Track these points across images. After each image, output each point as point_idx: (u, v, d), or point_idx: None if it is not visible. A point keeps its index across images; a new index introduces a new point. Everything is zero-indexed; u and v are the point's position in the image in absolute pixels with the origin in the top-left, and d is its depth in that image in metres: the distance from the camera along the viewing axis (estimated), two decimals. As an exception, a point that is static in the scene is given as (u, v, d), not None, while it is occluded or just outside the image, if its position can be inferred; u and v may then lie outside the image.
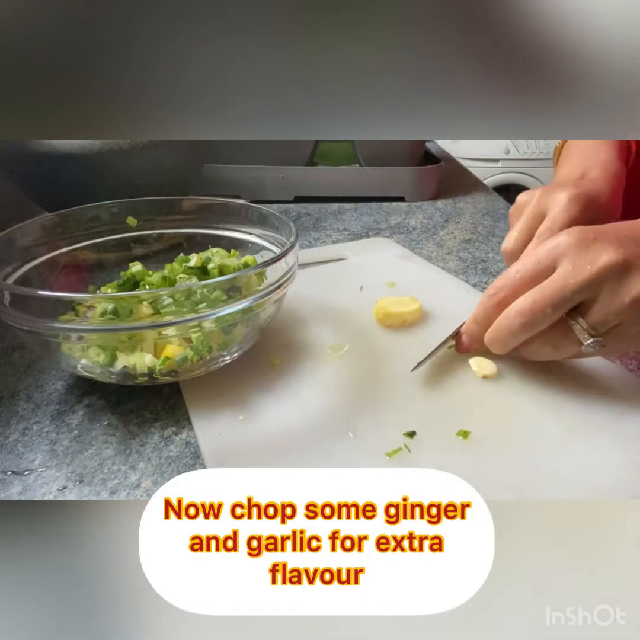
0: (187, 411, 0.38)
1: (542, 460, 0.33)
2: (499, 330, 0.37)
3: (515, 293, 0.36)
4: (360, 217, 0.78)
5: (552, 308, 0.34)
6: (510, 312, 0.36)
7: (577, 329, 0.34)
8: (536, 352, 0.38)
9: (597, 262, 0.33)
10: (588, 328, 0.34)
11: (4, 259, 0.41)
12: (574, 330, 0.35)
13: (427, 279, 0.57)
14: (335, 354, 0.44)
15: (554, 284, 0.34)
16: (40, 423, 0.38)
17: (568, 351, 0.36)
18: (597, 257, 0.33)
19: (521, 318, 0.35)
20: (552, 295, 0.34)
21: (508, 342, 0.37)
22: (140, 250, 0.50)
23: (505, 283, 0.37)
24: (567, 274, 0.34)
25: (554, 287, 0.34)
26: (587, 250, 0.34)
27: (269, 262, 0.38)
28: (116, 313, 0.35)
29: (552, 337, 0.36)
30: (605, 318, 0.34)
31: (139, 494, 0.33)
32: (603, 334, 0.35)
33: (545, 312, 0.34)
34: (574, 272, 0.34)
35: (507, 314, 0.36)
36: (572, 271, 0.34)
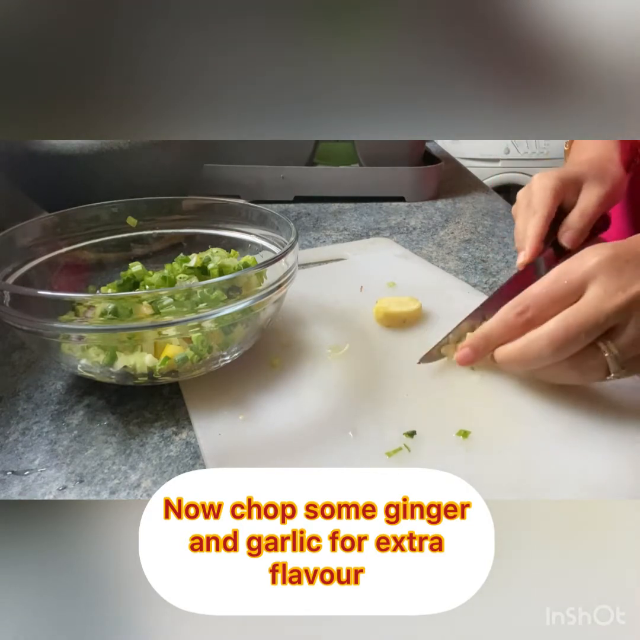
0: (187, 411, 0.38)
1: (542, 460, 0.33)
2: (523, 353, 0.36)
3: (542, 313, 0.35)
4: (360, 217, 0.78)
5: (586, 334, 0.33)
6: (542, 336, 0.34)
7: (609, 358, 0.33)
8: (559, 375, 0.37)
9: (630, 287, 0.33)
10: (618, 355, 0.33)
11: (4, 259, 0.41)
12: (606, 357, 0.33)
13: (427, 279, 0.57)
14: (335, 354, 0.44)
15: (588, 308, 0.33)
16: (40, 423, 0.38)
17: (593, 377, 0.35)
18: (631, 282, 0.33)
19: (553, 344, 0.34)
20: (586, 321, 0.33)
21: (532, 365, 0.36)
22: (140, 250, 0.50)
23: (534, 302, 0.35)
24: (601, 297, 0.33)
25: (588, 311, 0.33)
26: (620, 272, 0.33)
27: (269, 262, 0.38)
28: (116, 313, 0.35)
29: (579, 362, 0.34)
30: (634, 343, 0.33)
31: (139, 494, 0.33)
32: (629, 359, 0.34)
33: (580, 338, 0.33)
34: (607, 296, 0.33)
35: (539, 337, 0.34)
36: (605, 295, 0.33)
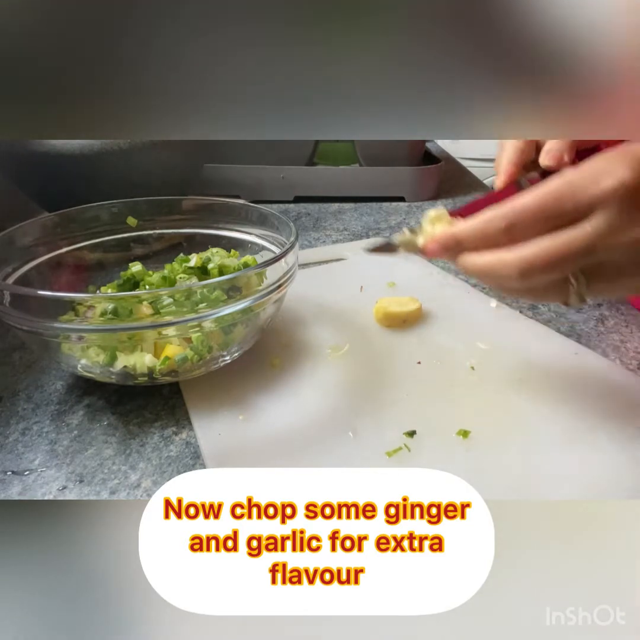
0: (187, 411, 0.38)
1: (542, 460, 0.33)
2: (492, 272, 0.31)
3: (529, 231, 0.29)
4: (360, 217, 0.78)
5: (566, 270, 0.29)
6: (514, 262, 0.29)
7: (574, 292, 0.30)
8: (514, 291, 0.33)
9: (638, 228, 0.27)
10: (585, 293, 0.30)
11: (4, 259, 0.41)
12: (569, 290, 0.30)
13: (427, 279, 0.57)
14: (335, 354, 0.44)
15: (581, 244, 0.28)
16: (40, 423, 0.38)
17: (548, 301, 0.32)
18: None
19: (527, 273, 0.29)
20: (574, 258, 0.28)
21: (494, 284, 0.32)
22: (140, 250, 0.50)
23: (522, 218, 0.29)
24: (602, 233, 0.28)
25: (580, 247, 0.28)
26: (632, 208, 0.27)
27: (269, 262, 0.38)
28: (116, 313, 0.35)
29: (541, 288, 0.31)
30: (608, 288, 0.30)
31: (139, 494, 0.33)
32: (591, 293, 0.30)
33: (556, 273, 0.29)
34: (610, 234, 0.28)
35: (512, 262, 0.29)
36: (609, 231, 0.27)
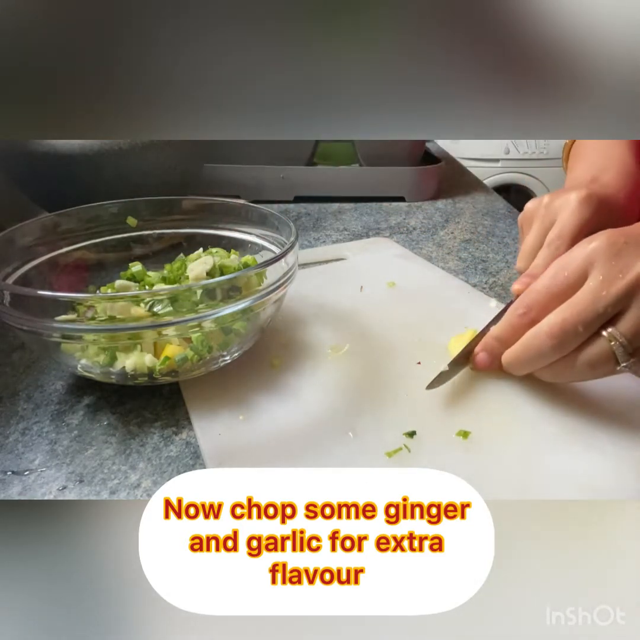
0: (187, 411, 0.38)
1: (541, 460, 0.33)
2: (525, 351, 0.35)
3: (545, 310, 0.33)
4: (360, 217, 0.78)
5: (584, 325, 0.31)
6: (540, 333, 0.33)
7: (616, 346, 0.32)
8: (567, 373, 0.34)
9: (629, 270, 0.31)
10: (625, 342, 0.31)
11: (4, 259, 0.41)
12: (612, 346, 0.32)
13: (427, 279, 0.57)
14: (335, 354, 0.44)
15: (584, 299, 0.32)
16: (40, 423, 0.38)
17: (603, 370, 0.33)
18: (630, 264, 0.31)
19: (552, 339, 0.32)
20: (583, 312, 0.31)
21: (534, 364, 0.35)
22: (140, 250, 0.50)
23: (535, 300, 0.34)
24: (598, 285, 0.31)
25: (585, 302, 0.31)
26: (617, 256, 0.31)
27: (269, 262, 0.38)
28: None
29: (585, 355, 0.33)
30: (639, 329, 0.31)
31: (139, 494, 0.33)
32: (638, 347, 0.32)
33: (577, 331, 0.32)
34: (605, 284, 0.31)
35: (537, 334, 0.33)
36: (603, 282, 0.31)
